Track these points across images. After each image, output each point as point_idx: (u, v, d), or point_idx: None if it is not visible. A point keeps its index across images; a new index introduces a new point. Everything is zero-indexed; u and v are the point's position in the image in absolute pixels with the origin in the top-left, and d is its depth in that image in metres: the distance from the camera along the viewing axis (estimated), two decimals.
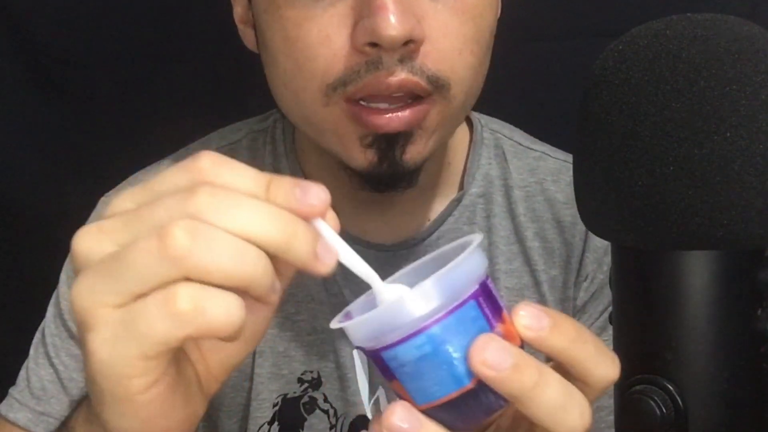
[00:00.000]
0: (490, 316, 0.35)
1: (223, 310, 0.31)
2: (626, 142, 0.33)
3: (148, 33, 0.94)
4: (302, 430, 0.67)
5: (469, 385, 0.34)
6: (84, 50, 0.94)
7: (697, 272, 0.33)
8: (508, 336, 0.35)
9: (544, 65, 0.92)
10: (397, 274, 0.40)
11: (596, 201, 0.35)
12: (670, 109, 0.32)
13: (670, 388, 0.34)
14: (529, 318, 0.36)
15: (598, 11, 0.90)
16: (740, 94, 0.31)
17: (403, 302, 0.34)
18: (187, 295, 0.31)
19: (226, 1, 0.65)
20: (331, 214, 0.35)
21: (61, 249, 0.72)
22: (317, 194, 0.34)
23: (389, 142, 0.54)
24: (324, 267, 0.34)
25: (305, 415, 0.67)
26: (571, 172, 0.39)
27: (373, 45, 0.51)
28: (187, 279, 0.31)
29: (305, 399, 0.67)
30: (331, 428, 0.68)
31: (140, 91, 0.95)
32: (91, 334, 0.33)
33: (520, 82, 0.90)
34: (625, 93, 0.33)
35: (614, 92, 0.34)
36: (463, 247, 0.38)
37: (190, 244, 0.30)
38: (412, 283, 0.36)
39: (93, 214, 0.72)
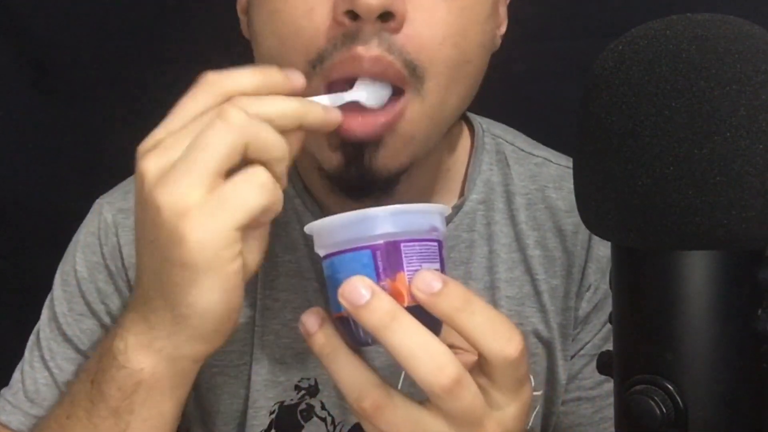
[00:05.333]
0: (380, 270, 0.41)
1: (278, 144, 0.44)
2: (626, 142, 0.33)
3: (147, 33, 0.94)
4: None
5: (342, 312, 0.42)
6: (84, 50, 0.94)
7: (697, 272, 0.33)
8: (394, 293, 0.41)
9: (544, 65, 0.92)
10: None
11: (596, 201, 0.35)
12: (670, 109, 0.32)
13: (670, 388, 0.34)
14: (421, 281, 0.41)
15: (598, 11, 0.89)
16: (740, 94, 0.31)
17: (330, 224, 0.43)
18: (265, 175, 0.43)
19: (225, 1, 0.65)
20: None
21: (61, 249, 0.72)
22: (299, 78, 0.48)
23: (356, 148, 0.53)
24: (336, 116, 0.49)
25: (302, 422, 0.66)
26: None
27: (353, 16, 0.50)
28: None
29: (302, 406, 0.66)
30: None
31: (140, 91, 0.95)
32: (186, 220, 0.41)
33: (520, 82, 0.90)
34: (625, 93, 0.33)
35: (614, 92, 0.34)
36: (440, 213, 0.45)
37: (246, 117, 0.43)
38: None
39: (88, 217, 0.71)
